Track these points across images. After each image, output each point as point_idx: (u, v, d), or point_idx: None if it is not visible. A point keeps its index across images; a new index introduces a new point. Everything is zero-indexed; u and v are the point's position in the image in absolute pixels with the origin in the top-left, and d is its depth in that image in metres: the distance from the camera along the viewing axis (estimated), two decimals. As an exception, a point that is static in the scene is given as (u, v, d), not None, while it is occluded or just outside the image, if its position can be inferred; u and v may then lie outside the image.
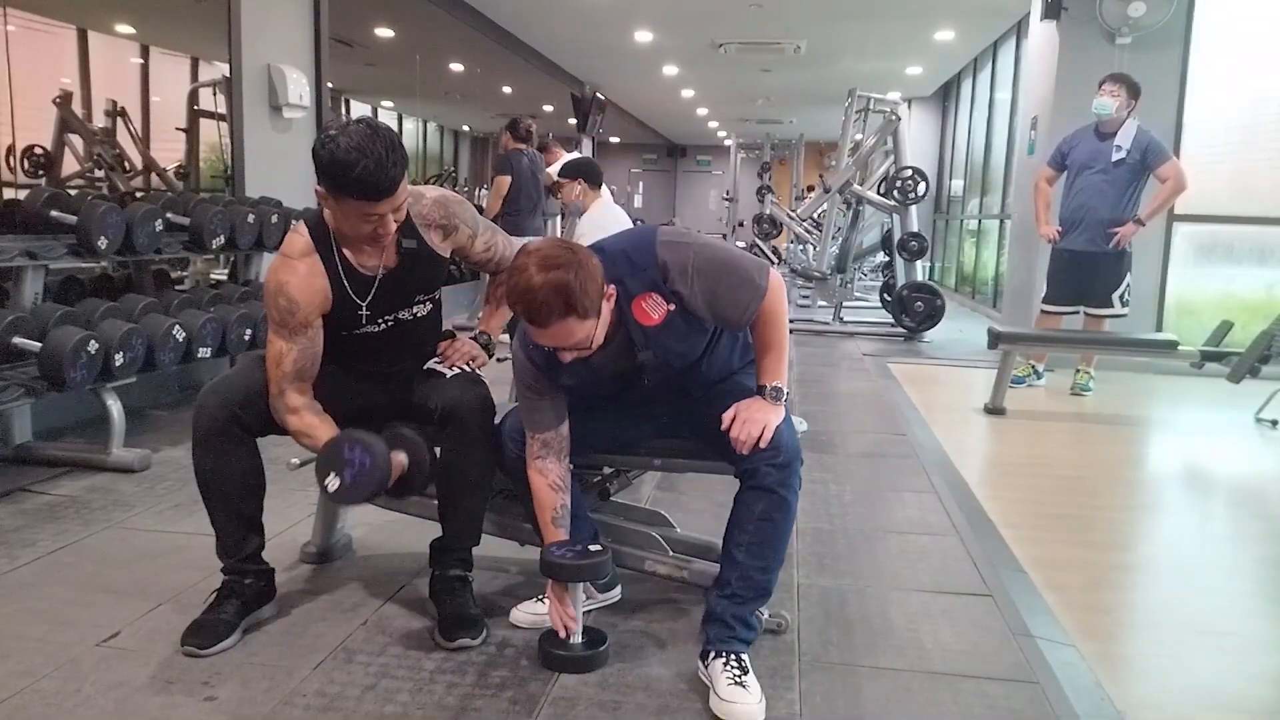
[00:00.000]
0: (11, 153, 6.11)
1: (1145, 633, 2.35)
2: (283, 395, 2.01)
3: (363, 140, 1.82)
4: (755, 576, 1.89)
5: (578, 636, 1.96)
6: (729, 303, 1.84)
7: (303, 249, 2.01)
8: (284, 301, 1.98)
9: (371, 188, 1.84)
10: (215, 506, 2.05)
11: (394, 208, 1.91)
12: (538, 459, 1.97)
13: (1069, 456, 4.09)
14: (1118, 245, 4.88)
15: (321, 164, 1.85)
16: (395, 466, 1.95)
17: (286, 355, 1.99)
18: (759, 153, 15.73)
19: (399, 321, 2.13)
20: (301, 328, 2.00)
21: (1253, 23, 6.04)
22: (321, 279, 2.01)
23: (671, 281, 1.80)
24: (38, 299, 3.44)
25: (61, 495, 2.99)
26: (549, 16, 8.83)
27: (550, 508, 1.98)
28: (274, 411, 2.03)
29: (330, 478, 1.90)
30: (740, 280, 1.84)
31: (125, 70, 7.57)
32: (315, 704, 1.77)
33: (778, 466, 1.86)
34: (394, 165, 1.85)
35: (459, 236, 2.15)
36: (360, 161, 1.81)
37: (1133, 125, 4.86)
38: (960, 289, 11.28)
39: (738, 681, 1.79)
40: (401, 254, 2.06)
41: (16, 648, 1.95)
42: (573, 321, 1.70)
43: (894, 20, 8.58)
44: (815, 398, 4.97)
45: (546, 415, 1.95)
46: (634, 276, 1.81)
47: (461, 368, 2.17)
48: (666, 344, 1.87)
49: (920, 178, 7.36)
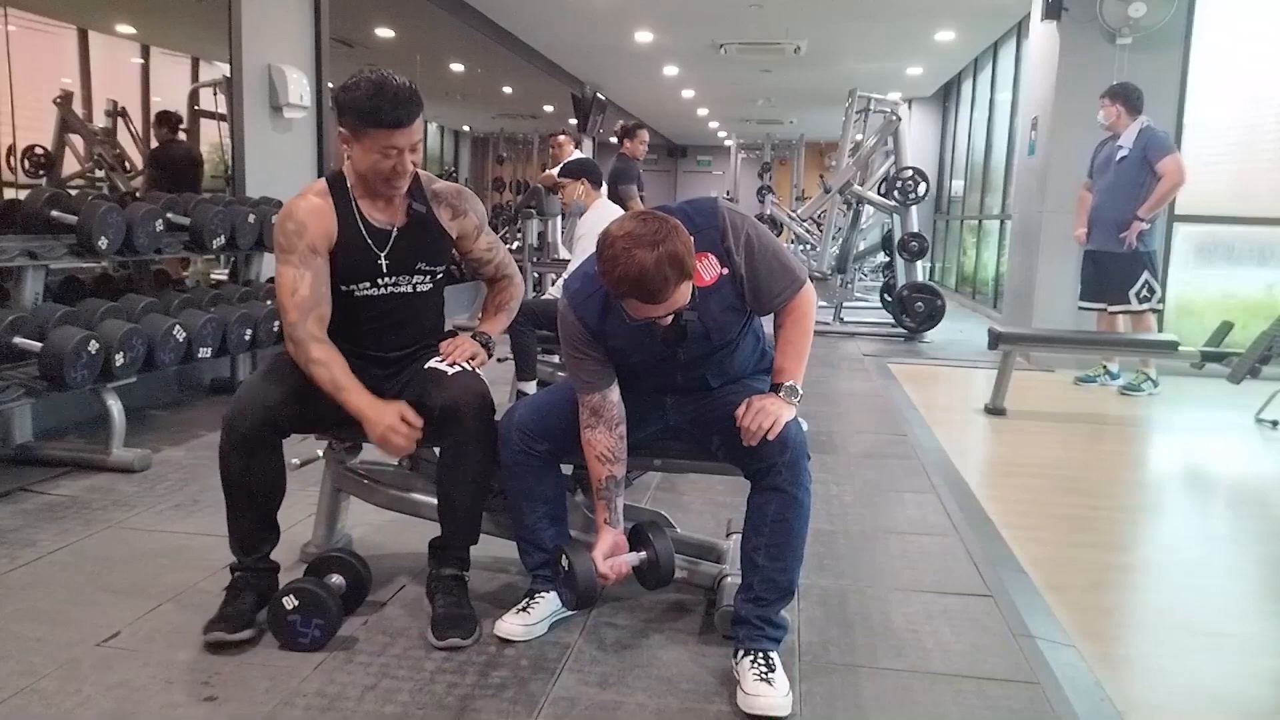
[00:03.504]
0: (12, 153, 6.11)
1: (1145, 633, 2.35)
2: (302, 323, 2.02)
3: (382, 77, 1.97)
4: (777, 578, 1.90)
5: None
6: (767, 282, 1.93)
7: (318, 190, 2.12)
8: (291, 225, 2.05)
9: (390, 115, 1.96)
10: (240, 506, 2.05)
11: (411, 143, 2.01)
12: (587, 428, 2.00)
13: (1069, 457, 4.08)
14: (1127, 245, 4.93)
15: (343, 102, 1.98)
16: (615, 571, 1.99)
17: (301, 281, 2.04)
18: (759, 153, 15.75)
19: (401, 292, 2.17)
20: (310, 252, 2.05)
21: (1253, 23, 6.04)
22: (331, 222, 2.08)
23: (728, 241, 1.89)
24: (38, 299, 3.44)
25: (61, 495, 2.99)
26: (549, 17, 8.83)
27: (596, 479, 2.01)
28: (289, 338, 2.03)
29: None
30: (784, 266, 1.95)
31: (125, 70, 7.57)
32: (315, 704, 1.77)
33: (786, 465, 1.87)
34: (411, 98, 1.98)
35: (466, 223, 2.23)
36: (380, 92, 1.95)
37: (1136, 125, 4.95)
38: (960, 289, 11.27)
39: (764, 678, 1.80)
40: (411, 214, 2.14)
41: (16, 648, 1.96)
42: (685, 285, 1.79)
43: (894, 20, 8.58)
44: (815, 398, 4.96)
45: (597, 377, 1.98)
46: (695, 235, 1.86)
47: (462, 366, 2.17)
48: (711, 309, 1.92)
49: (920, 178, 7.36)
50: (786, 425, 1.89)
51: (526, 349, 4.03)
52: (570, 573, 1.92)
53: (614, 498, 2.03)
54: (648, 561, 2.05)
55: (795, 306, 1.96)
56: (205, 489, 3.00)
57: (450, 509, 2.13)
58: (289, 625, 1.97)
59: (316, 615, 1.96)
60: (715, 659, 1.98)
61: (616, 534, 2.04)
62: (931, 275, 11.37)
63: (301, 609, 1.96)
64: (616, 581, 2.01)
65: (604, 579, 1.96)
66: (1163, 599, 2.58)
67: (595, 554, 1.96)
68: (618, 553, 2.02)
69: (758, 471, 1.91)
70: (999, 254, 9.34)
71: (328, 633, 1.97)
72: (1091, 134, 5.54)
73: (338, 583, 2.10)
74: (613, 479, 2.01)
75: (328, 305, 2.08)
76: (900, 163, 7.51)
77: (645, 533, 2.08)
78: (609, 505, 2.03)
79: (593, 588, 1.92)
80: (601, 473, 2.00)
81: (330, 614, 1.97)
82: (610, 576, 1.97)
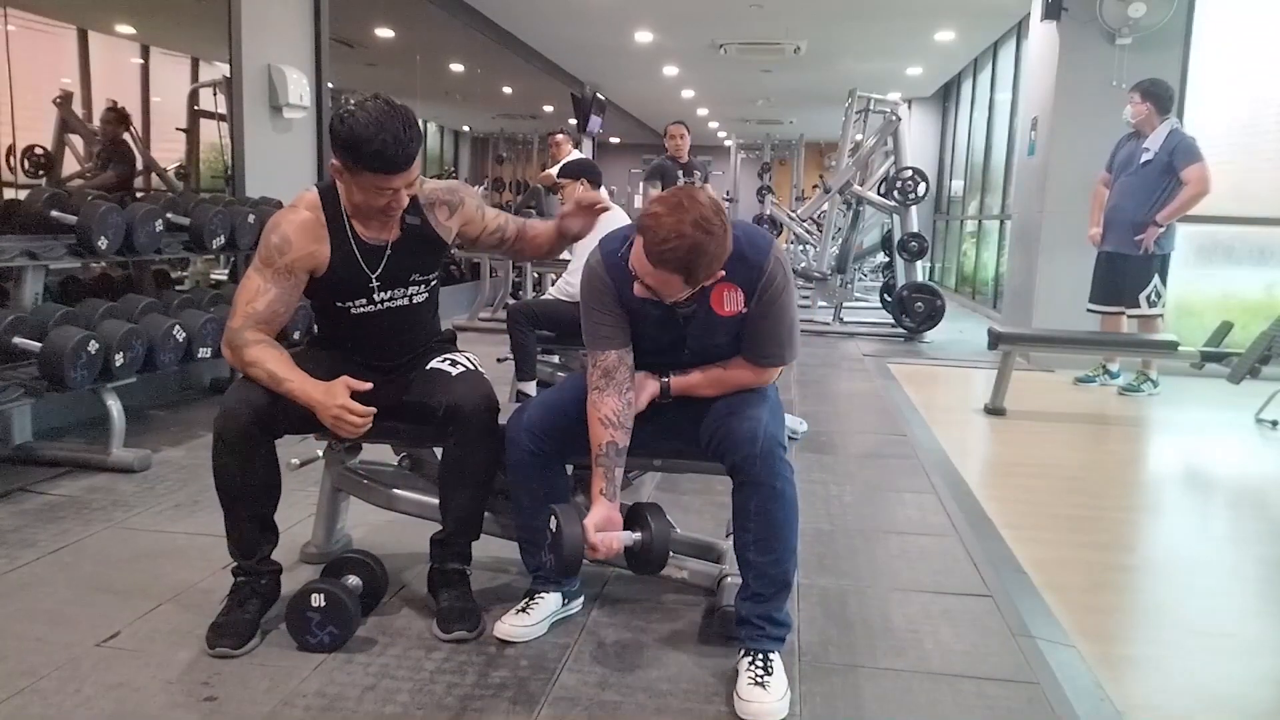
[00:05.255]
0: (12, 153, 6.10)
1: (1145, 633, 2.35)
2: (244, 330, 2.01)
3: (380, 116, 1.88)
4: (769, 571, 1.89)
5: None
6: (760, 338, 1.98)
7: (309, 203, 2.05)
8: (276, 239, 2.01)
9: (389, 162, 1.90)
10: (235, 508, 2.04)
11: (407, 183, 1.97)
12: (595, 390, 1.98)
13: (1069, 457, 4.08)
14: (1144, 249, 4.89)
15: (340, 138, 1.90)
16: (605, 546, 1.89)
17: (262, 295, 2.01)
18: (759, 153, 15.74)
19: (396, 305, 2.15)
20: (286, 271, 2.01)
21: (1253, 24, 6.04)
22: (323, 243, 2.04)
23: (761, 287, 1.91)
24: (38, 299, 3.44)
25: (61, 495, 2.99)
26: (549, 17, 8.83)
27: (596, 443, 1.96)
28: (227, 342, 2.02)
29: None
30: (784, 339, 2.00)
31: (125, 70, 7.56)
32: (315, 704, 1.77)
33: (759, 456, 1.86)
34: (411, 141, 1.91)
35: (466, 210, 2.20)
36: (378, 136, 1.87)
37: (1165, 127, 4.86)
38: (960, 289, 11.28)
39: (758, 681, 1.80)
40: (405, 229, 2.10)
41: (16, 648, 1.95)
42: (678, 280, 1.80)
43: (894, 20, 8.58)
44: (815, 398, 4.97)
45: (615, 334, 1.98)
46: (739, 263, 1.89)
47: (466, 365, 2.17)
48: (719, 328, 1.98)
49: (920, 178, 7.36)
50: (760, 417, 1.90)
51: (526, 349, 4.03)
52: (557, 537, 1.82)
53: (614, 467, 1.95)
54: (641, 544, 1.94)
55: (759, 369, 2.02)
56: (205, 489, 2.99)
57: (452, 508, 2.13)
58: (305, 621, 1.96)
59: (334, 624, 1.96)
60: (716, 659, 1.98)
61: (612, 507, 1.94)
62: (931, 275, 11.38)
63: (324, 611, 1.95)
64: (605, 556, 1.89)
65: (592, 550, 1.84)
66: (1163, 599, 2.58)
67: (587, 523, 1.87)
68: (611, 527, 1.91)
69: (734, 466, 1.90)
70: (999, 254, 9.34)
71: (336, 642, 1.97)
72: (1091, 134, 5.55)
73: (354, 584, 2.10)
74: (614, 445, 1.95)
75: (283, 321, 2.06)
76: (900, 163, 7.51)
77: (644, 513, 1.98)
78: (607, 475, 1.94)
79: (577, 556, 1.83)
80: (603, 437, 1.94)
81: (346, 627, 1.98)
82: (599, 549, 1.85)
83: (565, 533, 1.82)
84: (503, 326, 4.23)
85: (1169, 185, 4.83)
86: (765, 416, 1.92)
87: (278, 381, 1.97)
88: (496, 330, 5.82)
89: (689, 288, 1.84)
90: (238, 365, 2.03)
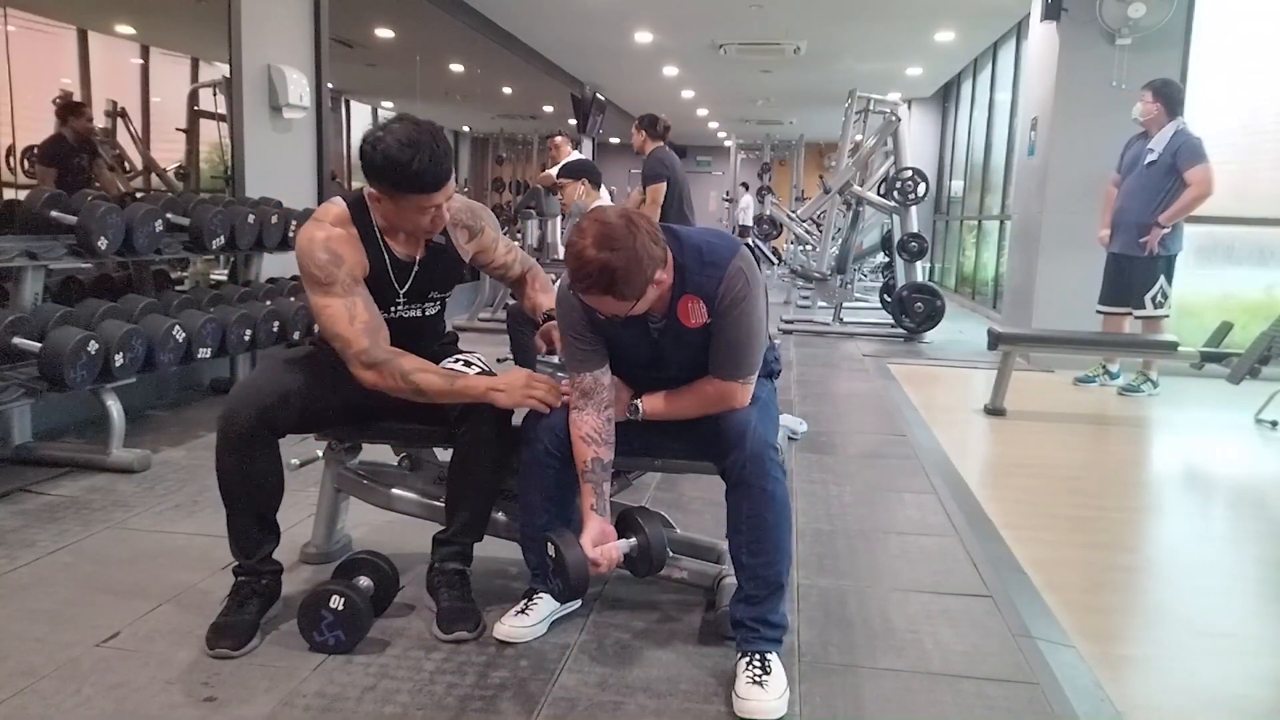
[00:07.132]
0: (11, 153, 6.10)
1: (1145, 633, 2.35)
2: (374, 349, 1.98)
3: (411, 135, 1.88)
4: (762, 573, 1.89)
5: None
6: (717, 350, 1.94)
7: (338, 217, 2.03)
8: (326, 256, 1.97)
9: (430, 179, 1.91)
10: (238, 508, 2.04)
11: (448, 196, 1.99)
12: (575, 410, 1.99)
13: (1069, 457, 4.08)
14: (1149, 250, 4.88)
15: (375, 166, 1.89)
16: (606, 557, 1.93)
17: (355, 309, 1.98)
18: (759, 153, 15.74)
19: (412, 316, 2.17)
20: (352, 280, 1.98)
21: (1253, 24, 6.04)
22: (362, 254, 2.03)
23: (720, 295, 1.88)
24: (38, 299, 3.44)
25: (61, 495, 2.99)
26: (549, 17, 8.84)
27: (581, 460, 1.98)
28: (366, 366, 1.97)
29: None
30: (739, 354, 1.93)
31: (125, 71, 7.56)
32: (315, 704, 1.77)
33: (749, 458, 1.87)
34: (445, 156, 1.92)
35: (484, 238, 2.24)
36: (415, 156, 1.87)
37: (1171, 128, 4.85)
38: (960, 290, 11.28)
39: (756, 680, 1.80)
40: (430, 247, 2.12)
41: (16, 648, 1.95)
42: (610, 300, 1.79)
43: (894, 21, 8.58)
44: (815, 398, 4.97)
45: (590, 358, 1.98)
46: (698, 273, 1.88)
47: (481, 366, 2.17)
48: (689, 340, 1.95)
49: (920, 178, 7.36)
50: (749, 419, 1.90)
51: (526, 349, 4.02)
52: (559, 562, 1.86)
53: (601, 482, 1.99)
54: (638, 548, 1.98)
55: (719, 385, 1.95)
56: (205, 489, 3.00)
57: (459, 508, 2.13)
58: (316, 620, 1.95)
59: (344, 629, 1.95)
60: (715, 660, 1.98)
61: (604, 521, 1.98)
62: (931, 275, 11.38)
63: (339, 615, 1.95)
64: (608, 569, 1.95)
65: (595, 565, 1.88)
66: (1163, 599, 2.58)
67: (584, 540, 1.91)
68: (606, 540, 1.95)
69: (725, 470, 1.92)
70: (999, 254, 9.34)
71: (340, 647, 1.96)
72: (1091, 134, 5.56)
73: (367, 586, 2.09)
74: (598, 460, 1.97)
75: (384, 328, 2.04)
76: (900, 163, 7.51)
77: (634, 518, 2.02)
78: (596, 490, 1.98)
79: (584, 576, 1.86)
80: (587, 454, 1.97)
81: (354, 635, 1.97)
82: (601, 564, 1.90)
83: (568, 557, 1.85)
84: (503, 327, 4.23)
85: (1172, 186, 4.83)
86: (755, 418, 1.92)
87: (453, 383, 2.00)
88: (496, 330, 5.83)
89: (632, 300, 1.80)
90: (393, 384, 1.98)
